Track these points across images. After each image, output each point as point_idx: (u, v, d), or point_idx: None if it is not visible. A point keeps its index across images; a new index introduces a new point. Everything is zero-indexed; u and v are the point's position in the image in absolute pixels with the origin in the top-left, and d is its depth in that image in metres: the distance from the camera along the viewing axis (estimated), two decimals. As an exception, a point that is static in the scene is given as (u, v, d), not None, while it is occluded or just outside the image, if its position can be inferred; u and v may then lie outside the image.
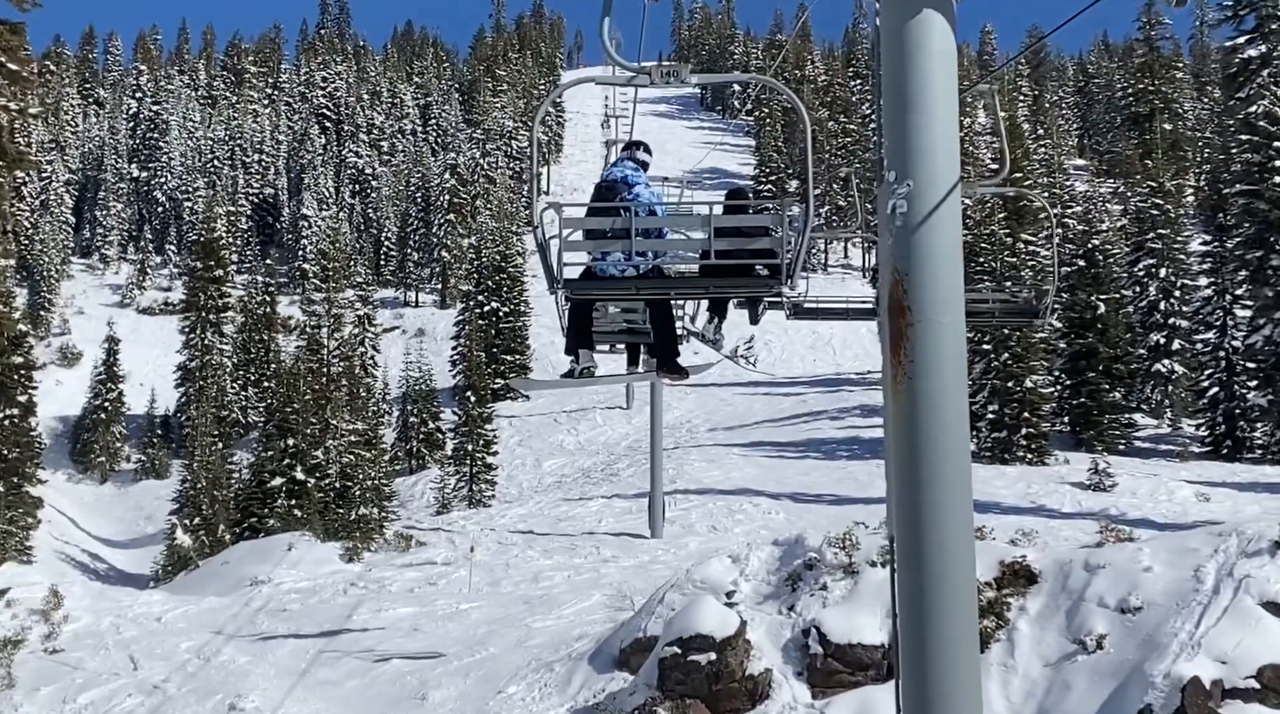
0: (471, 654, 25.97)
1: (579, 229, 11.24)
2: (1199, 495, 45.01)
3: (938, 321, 7.25)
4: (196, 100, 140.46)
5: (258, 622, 29.79)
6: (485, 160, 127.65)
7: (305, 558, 37.53)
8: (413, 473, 67.69)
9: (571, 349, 13.21)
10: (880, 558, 22.66)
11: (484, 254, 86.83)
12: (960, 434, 7.34)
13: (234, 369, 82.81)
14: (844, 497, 44.90)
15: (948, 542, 7.24)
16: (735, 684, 21.41)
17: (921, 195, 7.33)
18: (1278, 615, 19.84)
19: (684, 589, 23.58)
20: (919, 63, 7.44)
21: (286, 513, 43.35)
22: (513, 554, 37.62)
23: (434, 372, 78.10)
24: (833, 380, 75.04)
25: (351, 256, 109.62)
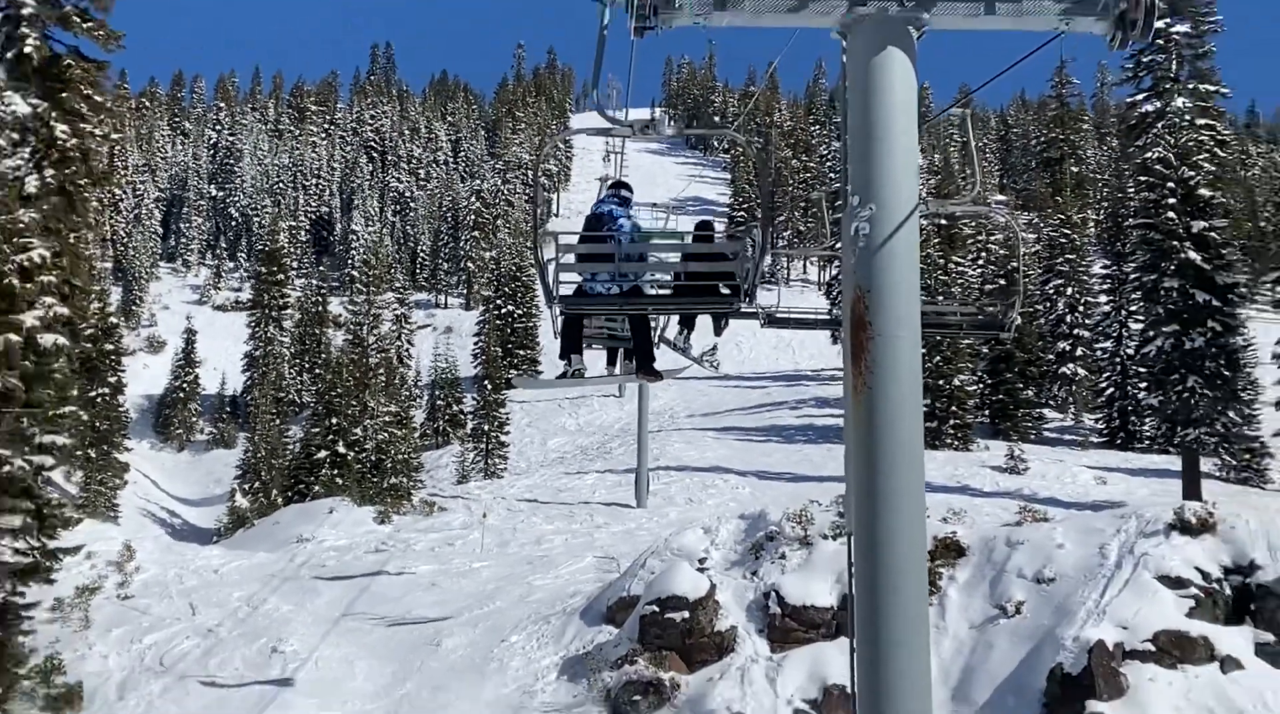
0: (480, 607, 25.17)
1: (572, 254, 11.48)
2: (1098, 479, 44.35)
3: (896, 336, 6.47)
4: (265, 133, 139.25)
5: (300, 575, 28.93)
6: (505, 187, 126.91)
7: (344, 520, 36.64)
8: (439, 448, 66.82)
9: (565, 354, 13.40)
10: (833, 532, 21.93)
11: (502, 265, 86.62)
12: (915, 437, 6.57)
13: (291, 358, 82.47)
14: (800, 475, 44.16)
15: (902, 532, 6.48)
16: (705, 639, 20.69)
17: (883, 219, 6.54)
18: (1171, 587, 19.17)
19: (663, 555, 22.83)
20: (882, 95, 6.64)
21: (330, 481, 42.52)
22: (520, 520, 36.78)
23: (458, 363, 77.57)
24: (792, 376, 74.28)
25: (391, 265, 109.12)
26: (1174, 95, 39.51)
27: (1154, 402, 36.48)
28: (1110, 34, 6.86)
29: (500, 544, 32.99)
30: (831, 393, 66.84)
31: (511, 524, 36.05)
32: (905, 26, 6.72)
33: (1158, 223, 35.66)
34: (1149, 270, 36.02)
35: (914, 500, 6.52)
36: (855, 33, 6.77)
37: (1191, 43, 39.63)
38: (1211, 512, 19.99)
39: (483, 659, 22.48)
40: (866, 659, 6.57)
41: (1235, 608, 19.12)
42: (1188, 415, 35.24)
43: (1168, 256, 35.54)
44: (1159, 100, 39.38)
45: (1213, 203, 35.82)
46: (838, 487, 42.14)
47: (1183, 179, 35.32)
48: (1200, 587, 19.08)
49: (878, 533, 6.43)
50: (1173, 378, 35.27)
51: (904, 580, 6.45)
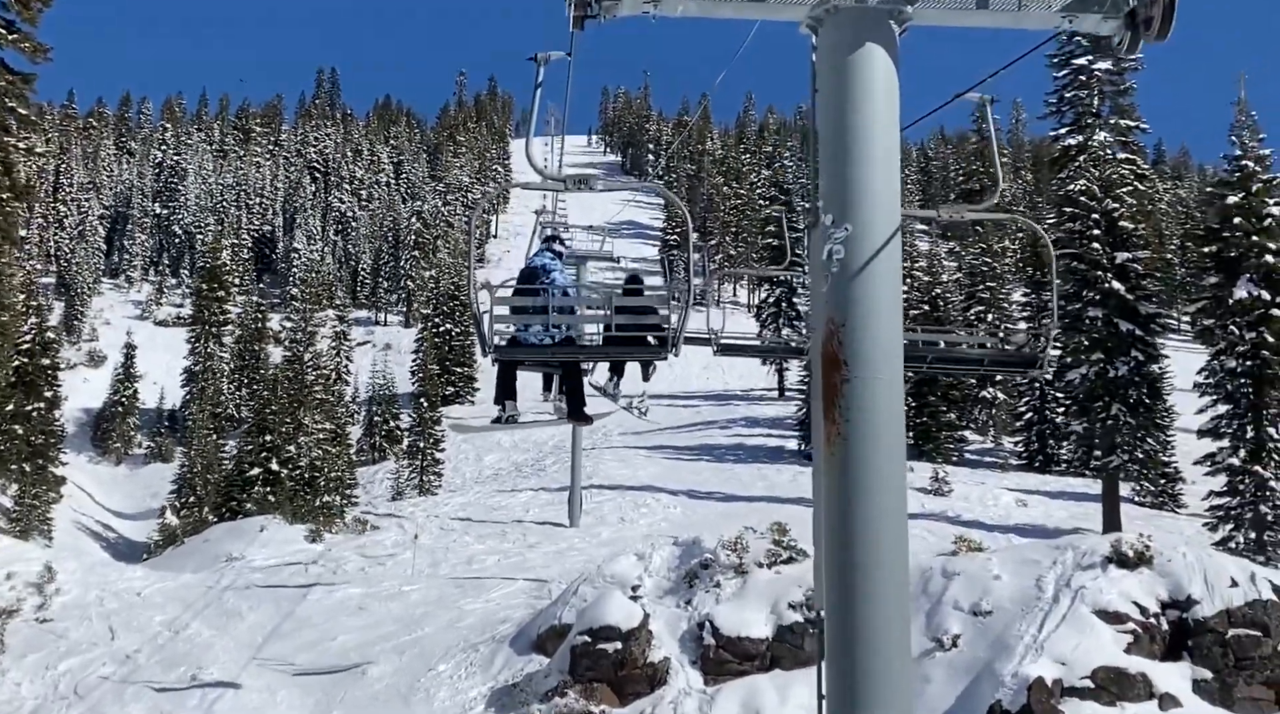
0: (408, 633, 23.67)
1: (506, 306, 11.61)
2: (1019, 501, 43.67)
3: (875, 377, 5.24)
4: (211, 153, 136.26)
5: (224, 599, 27.22)
6: (445, 208, 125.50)
7: (275, 538, 34.99)
8: (375, 463, 65.07)
9: (499, 400, 13.45)
10: (768, 560, 20.75)
11: (441, 284, 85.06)
12: (898, 497, 5.36)
13: (230, 373, 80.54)
14: (730, 494, 43.11)
15: (884, 617, 5.23)
16: (638, 670, 19.37)
17: (860, 240, 5.33)
18: (1108, 622, 18.13)
19: (595, 583, 21.49)
20: (859, 98, 5.42)
21: (262, 498, 40.78)
22: (452, 539, 35.30)
23: (397, 379, 76.03)
24: (722, 396, 73.29)
25: (332, 283, 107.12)
26: (1095, 130, 38.90)
27: (1077, 428, 35.69)
28: (1119, 35, 5.71)
29: (432, 564, 31.51)
30: (761, 413, 65.86)
31: (444, 543, 34.57)
32: (887, 20, 5.52)
33: (1082, 253, 34.94)
34: (1073, 300, 35.28)
35: (897, 577, 5.29)
36: (829, 26, 5.55)
37: (1113, 79, 39.06)
38: (1148, 544, 19.03)
39: (409, 689, 21.02)
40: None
41: (1172, 643, 18.15)
42: (1110, 441, 34.49)
43: (1091, 286, 34.82)
44: (1081, 134, 38.73)
45: (1135, 234, 35.22)
46: (767, 507, 41.17)
47: (1106, 211, 34.65)
48: (1138, 622, 18.09)
49: (855, 617, 5.18)
50: (1096, 405, 34.49)
51: (886, 676, 5.19)
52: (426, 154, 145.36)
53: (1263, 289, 30.76)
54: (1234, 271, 31.41)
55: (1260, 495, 30.05)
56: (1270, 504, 29.98)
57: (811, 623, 19.56)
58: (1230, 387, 31.22)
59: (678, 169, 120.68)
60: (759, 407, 68.59)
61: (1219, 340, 31.51)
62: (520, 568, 30.33)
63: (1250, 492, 30.31)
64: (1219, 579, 18.40)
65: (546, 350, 12.03)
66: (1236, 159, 32.26)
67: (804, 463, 51.55)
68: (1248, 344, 30.66)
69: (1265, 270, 31.02)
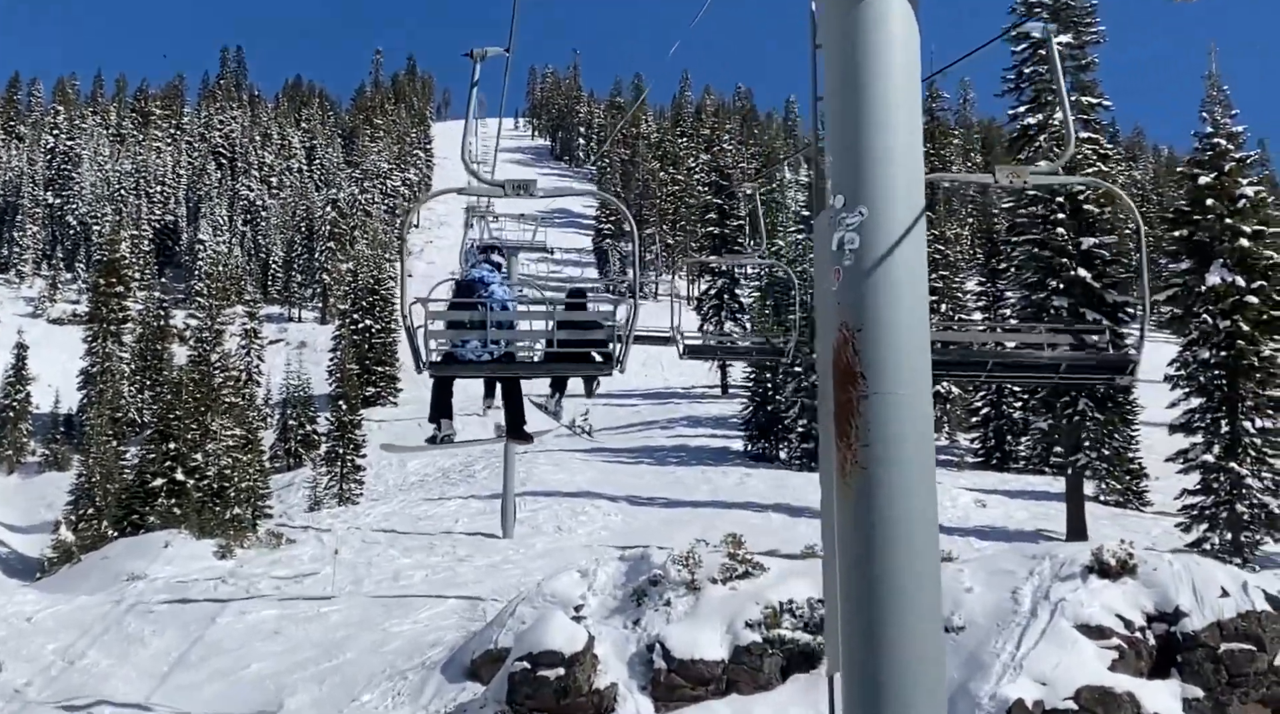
0: (329, 659, 22.81)
1: (442, 321, 11.65)
2: (977, 501, 43.45)
3: (899, 392, 4.58)
4: (107, 138, 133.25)
5: (125, 623, 26.17)
6: (363, 197, 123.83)
7: (180, 554, 33.82)
8: (290, 470, 63.80)
9: (434, 418, 13.34)
10: (722, 576, 20.08)
11: (360, 277, 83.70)
12: (929, 540, 4.71)
13: (131, 375, 78.63)
14: (673, 500, 42.53)
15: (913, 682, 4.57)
16: (582, 698, 18.61)
17: (879, 225, 4.67)
18: (1091, 637, 17.64)
19: (534, 602, 20.74)
20: (874, 54, 4.74)
21: (166, 511, 39.55)
22: (375, 552, 34.36)
23: (313, 380, 74.70)
24: (662, 394, 72.71)
25: (241, 277, 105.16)
26: (1056, 108, 38.60)
27: (1041, 425, 35.38)
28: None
29: (354, 581, 30.58)
30: (704, 411, 65.37)
31: (366, 557, 33.64)
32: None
33: (1045, 239, 34.66)
34: (1038, 288, 35.00)
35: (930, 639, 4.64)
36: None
37: (1074, 54, 38.78)
38: (1131, 553, 18.61)
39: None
40: None
41: (1160, 659, 17.72)
42: (1076, 439, 34.22)
43: (1055, 273, 34.55)
44: (1041, 113, 38.42)
45: (1100, 219, 34.99)
46: (713, 513, 40.65)
47: (1071, 194, 34.38)
48: (1123, 636, 17.64)
49: (881, 686, 4.51)
50: (1063, 400, 34.20)
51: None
52: (341, 138, 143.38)
53: (1237, 275, 30.59)
54: (1206, 256, 31.22)
55: (1236, 494, 29.89)
56: (1247, 503, 29.83)
57: (771, 643, 18.98)
58: (1203, 379, 31.03)
59: (611, 154, 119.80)
60: (701, 405, 68.11)
61: (1191, 330, 31.30)
62: (450, 584, 29.52)
63: (1225, 490, 30.13)
64: (1208, 589, 18.01)
65: (485, 367, 12.08)
66: (1208, 137, 32.05)
67: (750, 464, 51.13)
68: (1221, 333, 30.48)
69: (1239, 255, 30.85)
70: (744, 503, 41.96)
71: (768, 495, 43.48)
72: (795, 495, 43.38)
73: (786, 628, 19.14)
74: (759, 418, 52.70)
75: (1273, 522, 29.89)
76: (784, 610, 19.31)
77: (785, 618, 19.24)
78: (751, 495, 43.56)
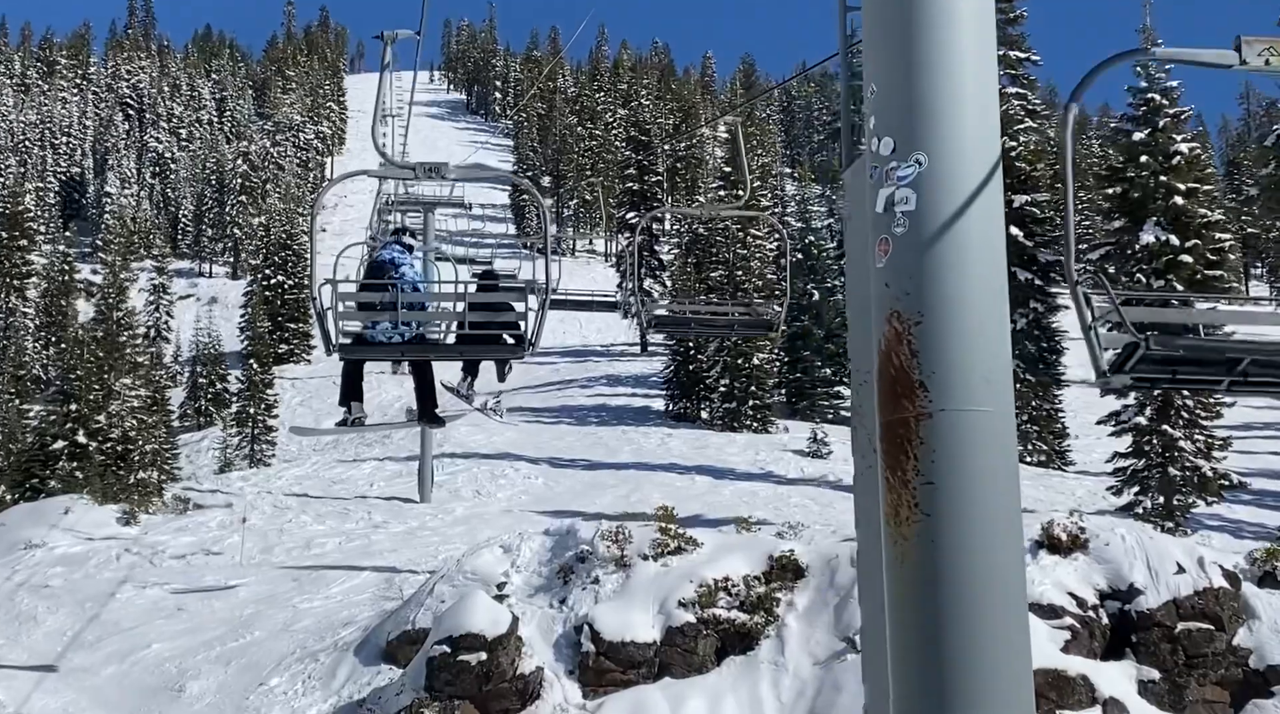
0: (235, 638, 21.21)
1: (353, 302, 11.55)
2: (902, 462, 42.75)
3: (974, 411, 3.25)
4: (11, 87, 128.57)
5: (17, 599, 24.35)
6: (275, 150, 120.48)
7: (82, 521, 31.84)
8: (200, 429, 61.70)
9: (345, 401, 13.52)
10: (653, 552, 18.83)
11: (272, 232, 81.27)
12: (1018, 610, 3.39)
13: (36, 330, 75.60)
14: (596, 461, 41.29)
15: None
16: (506, 684, 17.28)
17: (943, 179, 3.35)
18: (1043, 617, 16.57)
19: (454, 580, 19.34)
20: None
21: (68, 475, 37.53)
22: (287, 519, 32.72)
23: (224, 337, 72.48)
24: (580, 351, 71.33)
25: (150, 231, 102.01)
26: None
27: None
28: None
29: (264, 550, 29.00)
30: (623, 370, 64.14)
31: (277, 524, 32.02)
32: None
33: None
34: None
35: None
36: None
37: (1000, 6, 37.64)
38: (1083, 527, 17.63)
39: (235, 711, 18.66)
40: None
41: (1114, 640, 16.77)
42: (1008, 401, 33.37)
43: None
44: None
45: (1031, 176, 34.03)
46: (637, 475, 39.43)
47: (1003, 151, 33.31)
48: (1075, 615, 16.66)
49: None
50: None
51: None
52: (253, 90, 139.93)
53: (1171, 233, 29.75)
54: (1139, 215, 30.36)
55: (1169, 457, 29.19)
56: (1179, 465, 29.13)
57: (706, 624, 17.79)
58: (1134, 340, 30.15)
59: (526, 108, 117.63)
60: (621, 363, 66.82)
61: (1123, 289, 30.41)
62: (365, 553, 28.03)
63: (1157, 453, 29.43)
64: (1163, 565, 17.08)
65: (396, 349, 12.20)
66: (1142, 92, 31.07)
67: (671, 424, 50.03)
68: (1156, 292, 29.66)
69: (1174, 213, 30.01)
70: (667, 465, 40.85)
71: (690, 456, 42.41)
72: (717, 457, 42.37)
73: (722, 607, 17.95)
74: (680, 378, 51.56)
75: (1205, 485, 29.24)
76: (719, 589, 18.11)
77: (720, 596, 18.05)
78: (675, 457, 42.46)
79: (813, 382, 52.78)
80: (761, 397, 48.59)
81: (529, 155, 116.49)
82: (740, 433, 47.34)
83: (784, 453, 42.87)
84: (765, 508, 34.67)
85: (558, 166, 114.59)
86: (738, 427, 47.84)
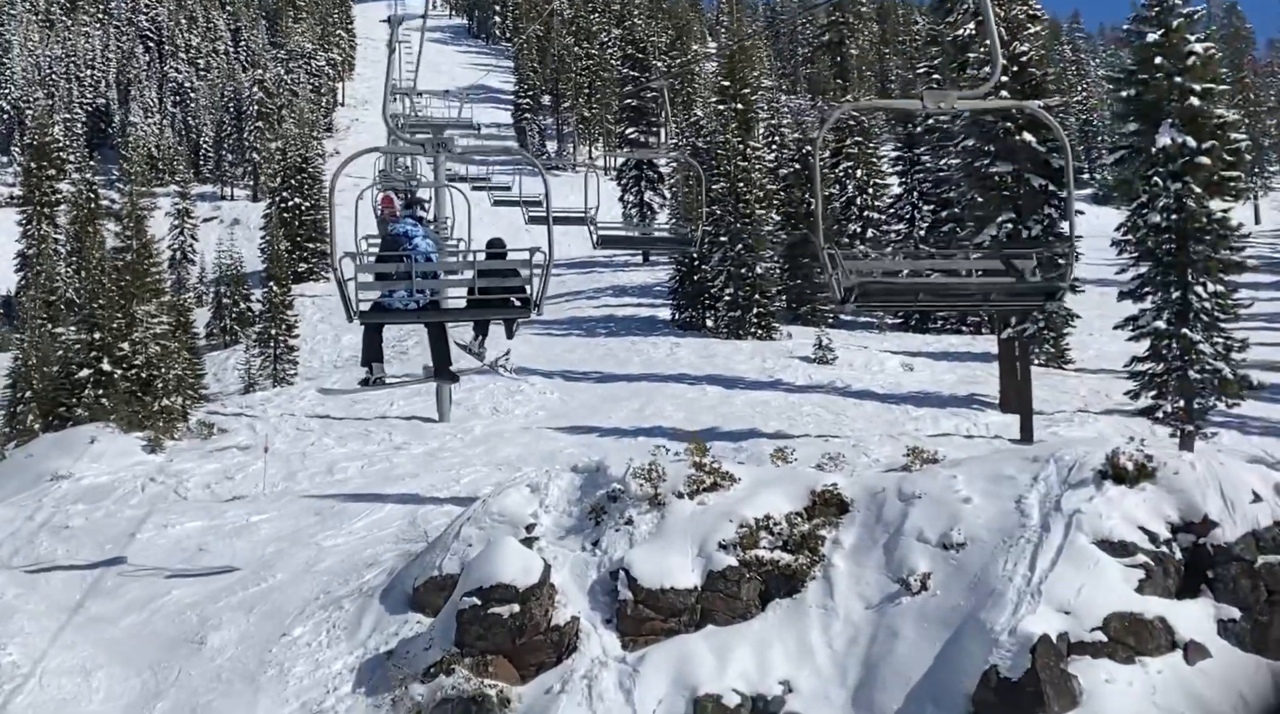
0: (257, 582, 18.85)
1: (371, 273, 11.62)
2: (904, 366, 40.49)
3: None
4: (36, 23, 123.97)
5: (36, 543, 21.99)
6: (289, 77, 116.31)
7: (108, 450, 29.37)
8: (226, 347, 59.30)
9: (366, 362, 13.50)
10: (689, 489, 16.40)
11: (289, 156, 77.75)
12: None
13: (67, 256, 72.65)
14: (607, 374, 38.99)
15: None
16: (540, 636, 15.00)
17: None
18: (1114, 555, 14.19)
19: (481, 523, 16.91)
20: None
21: (94, 403, 35.03)
22: (309, 442, 30.39)
23: (246, 258, 69.68)
24: (586, 262, 68.52)
25: (173, 158, 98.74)
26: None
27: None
28: None
29: (287, 476, 26.66)
30: (628, 280, 61.45)
31: (300, 448, 29.68)
32: None
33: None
34: (979, 155, 31.19)
35: None
36: None
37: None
38: (1150, 455, 15.14)
39: (258, 664, 16.34)
40: None
41: (1189, 577, 14.39)
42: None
43: (998, 139, 30.72)
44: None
45: (1045, 79, 31.07)
46: (648, 387, 36.87)
47: (1015, 55, 30.31)
48: (1148, 552, 14.25)
49: None
50: (1008, 270, 30.50)
51: None
52: (265, 20, 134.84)
53: (1187, 135, 26.93)
54: (1155, 118, 27.52)
55: (1188, 360, 26.68)
56: (1198, 368, 26.64)
57: (749, 566, 15.40)
58: (1151, 243, 27.51)
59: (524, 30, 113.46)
60: (625, 273, 64.08)
61: (1140, 193, 27.67)
62: (387, 477, 25.72)
63: (1176, 356, 26.92)
64: (1238, 493, 14.64)
65: (412, 315, 12.33)
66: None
67: (678, 333, 47.50)
68: (1171, 196, 26.93)
69: (1189, 114, 27.17)
70: (677, 376, 38.46)
71: (699, 366, 40.02)
72: (725, 366, 39.99)
73: (764, 548, 15.55)
74: (685, 287, 48.90)
75: (1225, 386, 26.80)
76: (760, 528, 15.70)
77: (762, 536, 15.64)
78: (684, 367, 40.04)
79: (812, 288, 50.14)
80: (765, 304, 46.00)
81: (529, 76, 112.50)
82: (746, 340, 44.85)
83: (791, 360, 40.46)
84: (779, 418, 32.35)
85: (556, 85, 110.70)
86: (743, 334, 45.33)
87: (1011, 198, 30.51)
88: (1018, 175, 30.38)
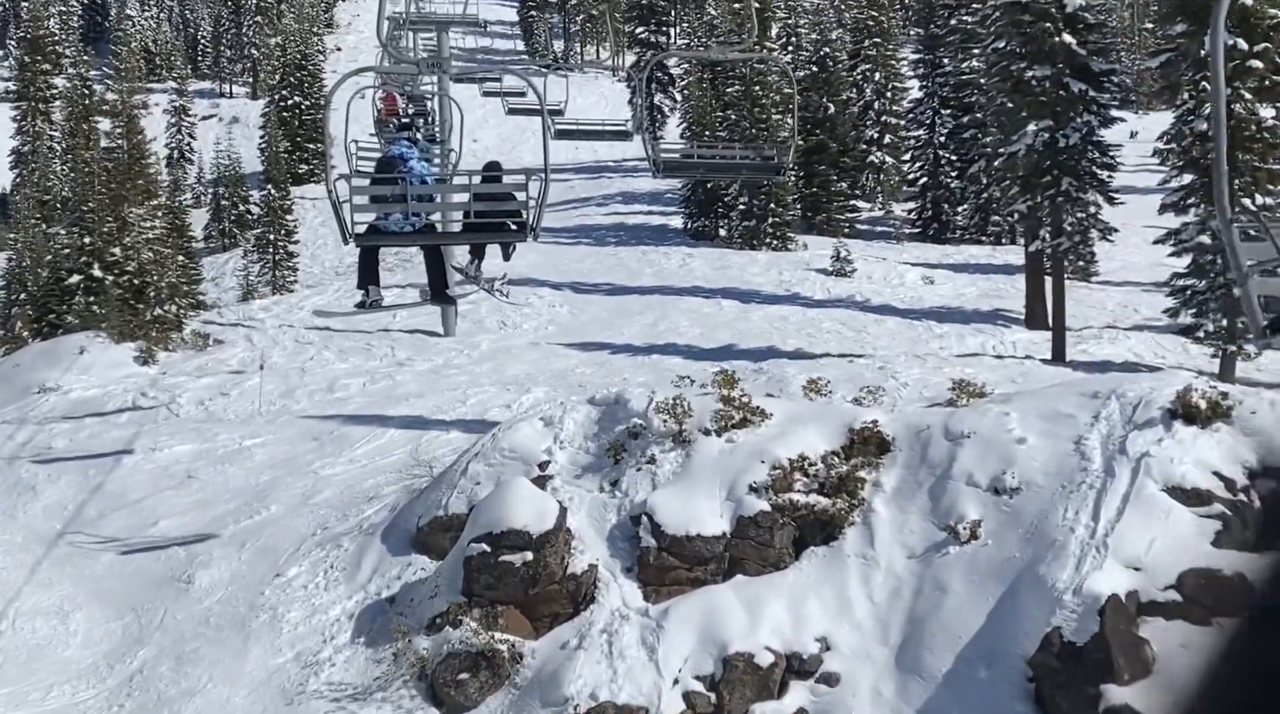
0: (250, 514, 17.55)
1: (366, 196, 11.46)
2: (925, 278, 38.93)
3: None
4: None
5: (16, 466, 20.64)
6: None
7: (98, 361, 27.93)
8: (225, 251, 57.51)
9: (363, 284, 13.63)
10: (716, 426, 14.99)
11: (288, 53, 75.09)
12: None
13: (63, 153, 70.51)
14: (618, 286, 37.45)
15: None
16: (555, 586, 13.73)
17: None
18: (1186, 504, 12.81)
19: (490, 459, 15.55)
20: None
21: (85, 311, 33.55)
22: (308, 356, 28.95)
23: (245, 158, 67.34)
24: (594, 168, 66.38)
25: (171, 52, 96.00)
26: None
27: (1021, 208, 30.02)
28: None
29: (285, 392, 25.23)
30: (637, 187, 59.43)
31: (299, 362, 28.27)
32: None
33: (1028, 2, 28.70)
34: (1015, 58, 29.22)
35: None
36: None
37: None
38: (1225, 392, 13.76)
39: (249, 607, 15.13)
40: None
41: (1267, 528, 13.06)
42: (1058, 222, 29.02)
43: (1035, 40, 28.76)
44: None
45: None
46: (662, 301, 35.30)
47: (1054, -44, 28.24)
48: (1225, 501, 12.91)
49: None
50: (1045, 180, 28.72)
51: None
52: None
53: (1238, 37, 24.99)
54: (1202, 17, 25.56)
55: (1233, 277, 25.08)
56: (1244, 288, 25.04)
57: (782, 511, 14.06)
58: (1196, 152, 25.76)
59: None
60: (634, 179, 62.01)
61: (1186, 99, 25.84)
62: (390, 397, 24.31)
63: (1220, 272, 25.33)
64: (1324, 437, 13.28)
65: (407, 238, 12.31)
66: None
67: (691, 243, 45.84)
68: (1220, 102, 25.09)
69: (1242, 14, 25.21)
70: (691, 288, 36.90)
71: (714, 279, 38.41)
72: (740, 278, 38.38)
73: (799, 491, 14.21)
74: (698, 196, 47.10)
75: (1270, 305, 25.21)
76: (795, 469, 14.34)
77: (796, 478, 14.29)
78: (698, 279, 38.46)
79: (828, 196, 48.35)
80: (780, 213, 44.24)
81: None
82: (760, 251, 43.19)
83: (808, 272, 38.85)
84: (798, 335, 30.92)
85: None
86: (757, 245, 43.65)
87: (1050, 103, 28.61)
88: (1056, 79, 28.49)
